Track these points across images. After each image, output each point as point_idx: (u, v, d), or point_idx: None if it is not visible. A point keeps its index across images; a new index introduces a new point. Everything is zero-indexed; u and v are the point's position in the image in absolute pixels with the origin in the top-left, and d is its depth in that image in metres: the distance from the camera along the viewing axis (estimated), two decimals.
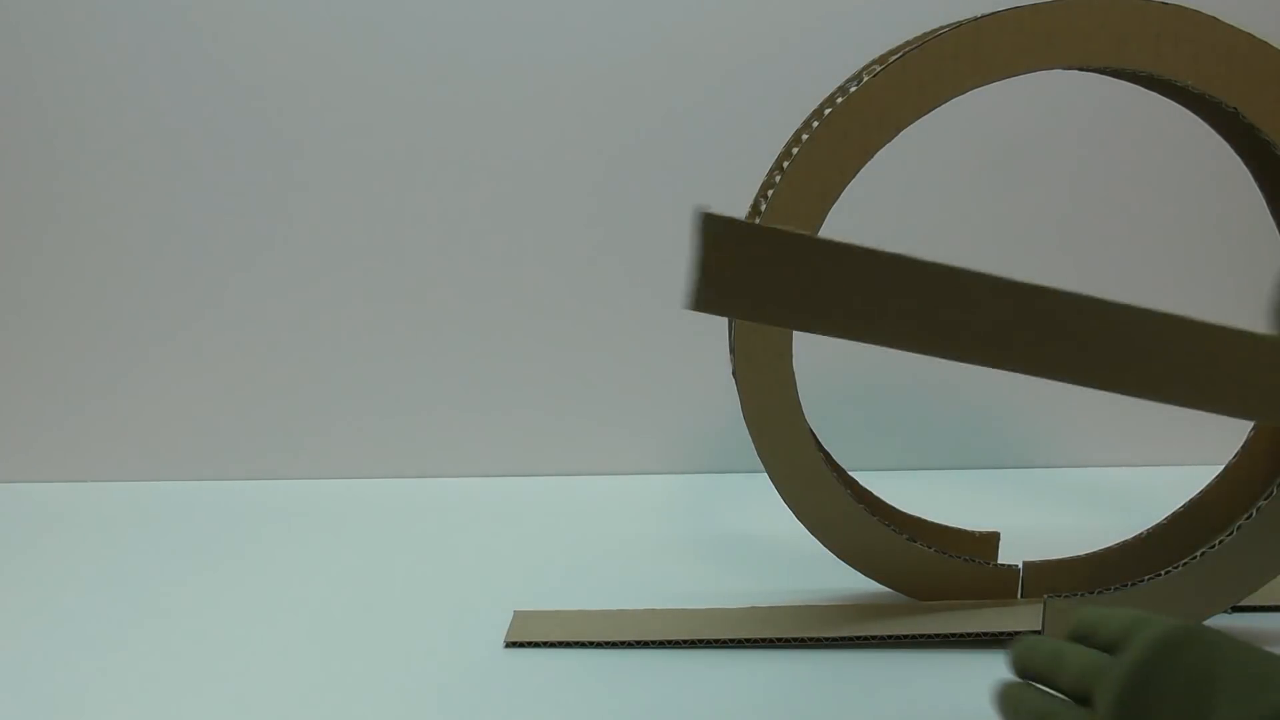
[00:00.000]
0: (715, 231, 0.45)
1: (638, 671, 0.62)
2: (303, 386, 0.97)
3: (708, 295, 0.46)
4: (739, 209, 0.67)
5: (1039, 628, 0.62)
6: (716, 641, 0.65)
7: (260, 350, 0.96)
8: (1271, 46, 0.56)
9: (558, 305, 0.95)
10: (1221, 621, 0.65)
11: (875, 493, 0.73)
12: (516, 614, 0.69)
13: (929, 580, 0.67)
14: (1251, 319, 0.93)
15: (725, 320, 0.68)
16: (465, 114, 0.91)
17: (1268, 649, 0.56)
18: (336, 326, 0.95)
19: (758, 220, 0.61)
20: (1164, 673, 0.41)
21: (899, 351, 0.94)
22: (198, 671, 0.63)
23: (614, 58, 0.90)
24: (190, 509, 0.91)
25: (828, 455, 0.71)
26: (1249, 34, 0.55)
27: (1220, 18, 0.55)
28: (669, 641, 0.65)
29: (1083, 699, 0.43)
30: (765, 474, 0.66)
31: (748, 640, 0.65)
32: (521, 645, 0.66)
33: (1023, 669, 0.47)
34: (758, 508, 0.87)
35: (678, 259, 0.92)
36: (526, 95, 0.91)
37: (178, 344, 0.96)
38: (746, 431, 0.64)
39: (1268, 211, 0.64)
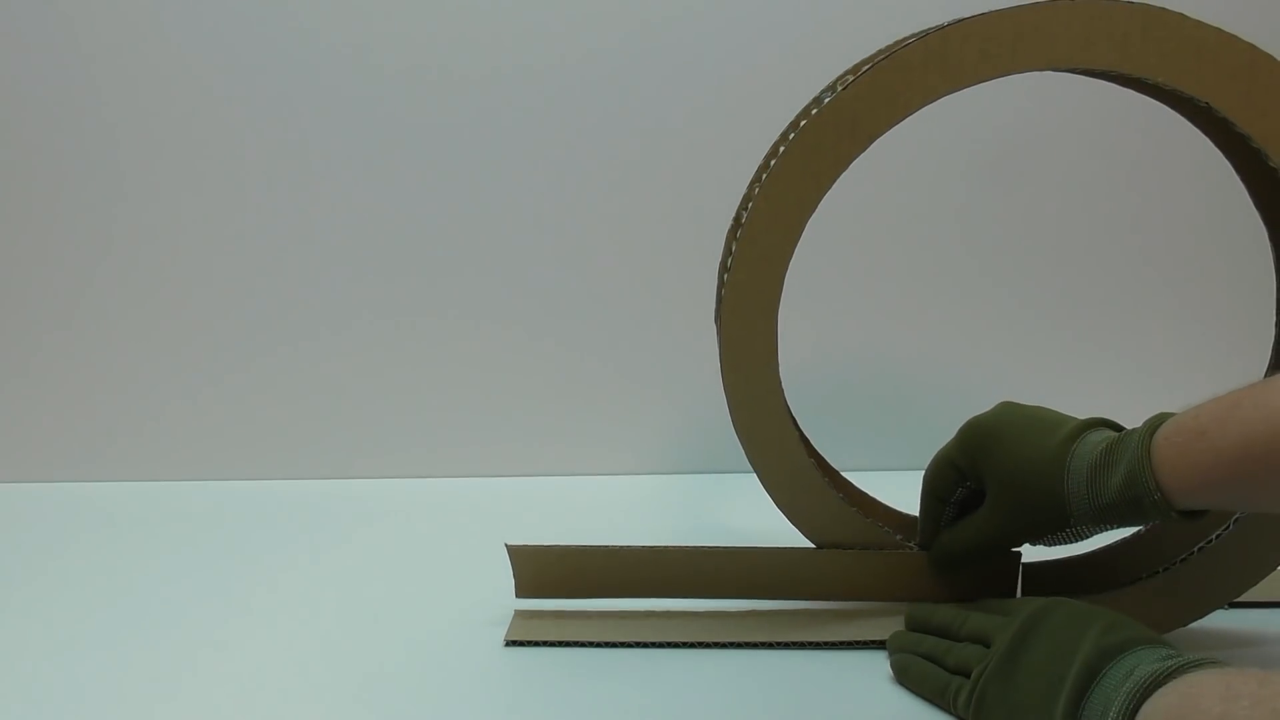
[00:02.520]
0: (519, 554, 0.67)
1: (637, 672, 0.62)
2: (303, 387, 0.97)
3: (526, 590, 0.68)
4: (723, 219, 0.67)
5: None
6: (716, 643, 0.65)
7: (260, 351, 0.97)
8: (1239, 40, 0.55)
9: (555, 308, 0.95)
10: (1219, 618, 0.65)
11: (872, 494, 0.73)
12: (517, 613, 0.69)
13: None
14: (1233, 306, 0.93)
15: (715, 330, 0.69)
16: (459, 118, 0.91)
17: (1265, 647, 0.58)
18: (337, 328, 0.96)
19: (739, 232, 0.61)
20: (1048, 616, 0.53)
21: (898, 354, 0.94)
22: (195, 672, 0.63)
23: (606, 68, 0.91)
24: (190, 509, 0.92)
25: (820, 459, 0.71)
26: (1216, 28, 0.55)
27: (1187, 14, 0.55)
28: (669, 643, 0.65)
29: (963, 669, 0.56)
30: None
31: (747, 643, 0.65)
32: (521, 644, 0.66)
33: (923, 624, 0.62)
34: (758, 508, 0.88)
35: (676, 261, 0.93)
36: (523, 104, 0.91)
37: (179, 345, 0.96)
38: None
39: (1250, 202, 0.63)
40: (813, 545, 0.67)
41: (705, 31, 0.90)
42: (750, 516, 0.86)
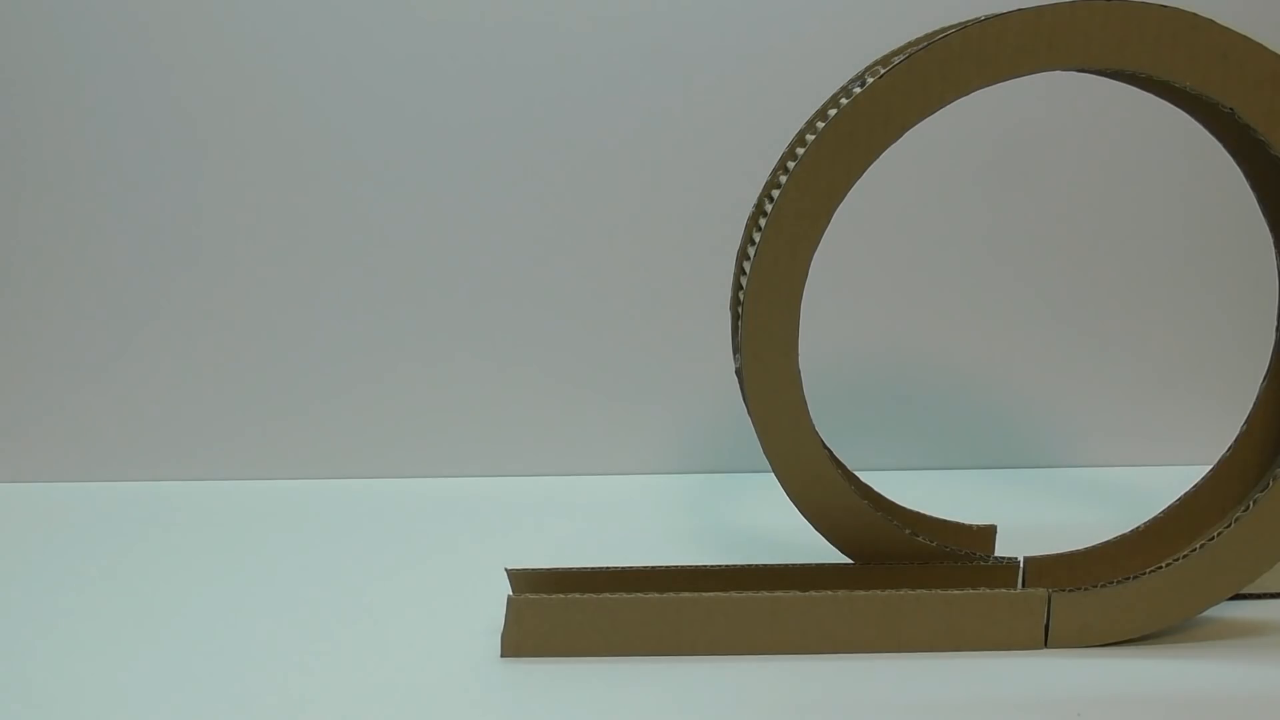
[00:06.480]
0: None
1: (646, 679, 0.62)
2: (301, 386, 0.97)
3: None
4: (740, 209, 0.68)
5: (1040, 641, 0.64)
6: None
7: (258, 350, 0.96)
8: (1266, 49, 0.57)
9: (559, 304, 0.96)
10: (1226, 608, 0.66)
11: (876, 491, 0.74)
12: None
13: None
14: (1238, 314, 0.95)
15: (728, 320, 0.70)
16: (464, 111, 0.92)
17: (1270, 637, 0.59)
18: (335, 326, 0.96)
19: (762, 220, 0.62)
20: None
21: (900, 353, 0.96)
22: (184, 677, 0.62)
23: (614, 55, 0.91)
24: (188, 509, 0.91)
25: (831, 452, 0.72)
26: (1244, 36, 0.57)
27: (1216, 20, 0.57)
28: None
29: None
30: (761, 474, 0.67)
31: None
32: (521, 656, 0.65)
33: None
34: (758, 507, 0.89)
35: (677, 258, 0.94)
36: (527, 93, 0.92)
37: (179, 345, 0.96)
38: (747, 431, 0.65)
39: (1259, 210, 0.66)
40: (821, 536, 0.68)
41: (717, 20, 0.91)
42: (756, 516, 0.87)
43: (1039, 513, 0.88)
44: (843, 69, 0.67)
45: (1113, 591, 0.63)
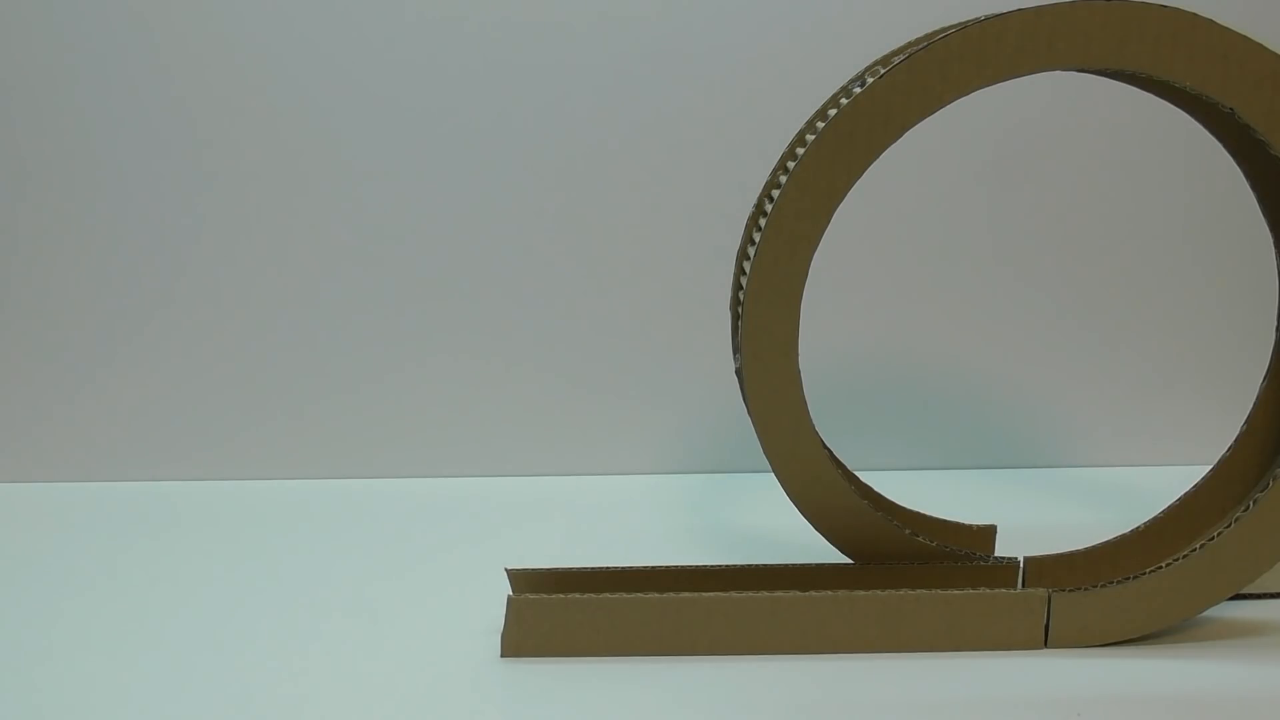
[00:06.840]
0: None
1: (646, 679, 0.62)
2: (301, 386, 0.97)
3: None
4: (740, 209, 0.68)
5: (1040, 641, 0.64)
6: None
7: (258, 350, 0.96)
8: (1266, 49, 0.57)
9: (559, 304, 0.96)
10: (1226, 609, 0.66)
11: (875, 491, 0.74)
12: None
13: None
14: (1238, 314, 0.95)
15: (728, 320, 0.70)
16: (464, 111, 0.92)
17: (1270, 637, 0.59)
18: (335, 326, 0.96)
19: (762, 220, 0.62)
20: None
21: (900, 353, 0.96)
22: (184, 677, 0.62)
23: (615, 56, 0.91)
24: (184, 509, 0.91)
25: (831, 452, 0.72)
26: (1244, 36, 0.57)
27: (1216, 20, 0.57)
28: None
29: None
30: (761, 474, 0.66)
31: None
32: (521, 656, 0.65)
33: None
34: (758, 507, 0.89)
35: (677, 258, 0.94)
36: (528, 93, 0.92)
37: (178, 345, 0.96)
38: (747, 431, 0.65)
39: (1259, 210, 0.66)
40: (821, 536, 0.68)
41: (716, 21, 0.91)
42: (755, 516, 0.87)
43: (1039, 513, 0.88)
44: (843, 69, 0.68)
45: (1113, 591, 0.63)
